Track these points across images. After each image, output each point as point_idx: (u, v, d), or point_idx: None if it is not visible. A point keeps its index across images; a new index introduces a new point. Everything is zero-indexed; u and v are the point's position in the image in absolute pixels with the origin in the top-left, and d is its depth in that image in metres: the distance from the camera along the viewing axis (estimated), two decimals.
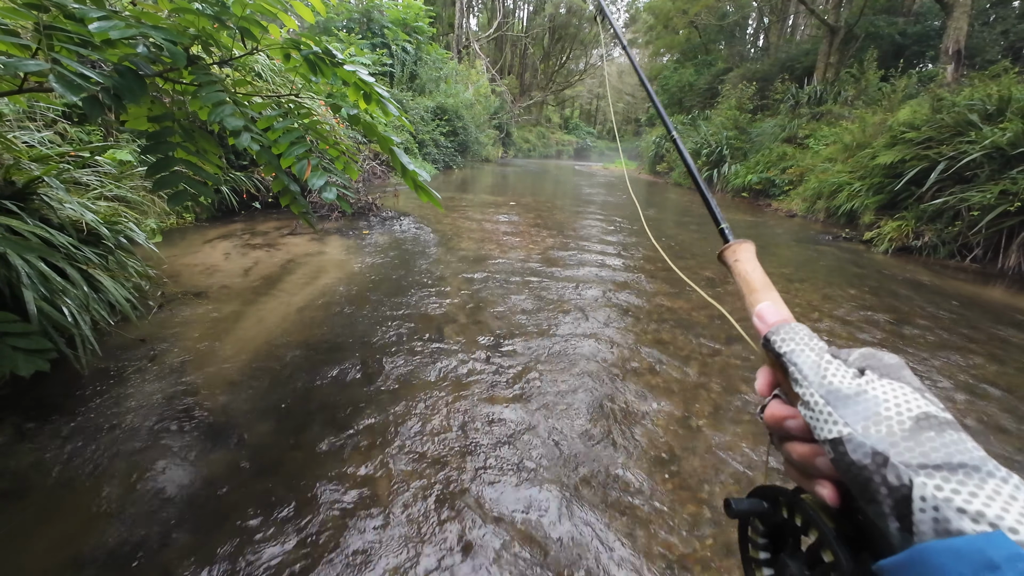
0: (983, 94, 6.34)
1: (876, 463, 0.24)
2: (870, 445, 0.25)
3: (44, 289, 1.87)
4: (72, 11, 1.37)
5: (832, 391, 0.29)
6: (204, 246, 4.22)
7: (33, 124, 3.40)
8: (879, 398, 0.27)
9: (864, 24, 13.42)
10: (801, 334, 0.34)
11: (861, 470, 0.25)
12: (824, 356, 0.31)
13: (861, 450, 0.25)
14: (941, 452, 0.24)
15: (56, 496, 1.51)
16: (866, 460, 0.25)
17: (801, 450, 0.31)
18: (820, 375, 0.30)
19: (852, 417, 0.27)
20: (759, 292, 0.40)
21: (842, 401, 0.28)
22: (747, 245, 0.45)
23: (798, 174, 10.08)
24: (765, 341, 0.35)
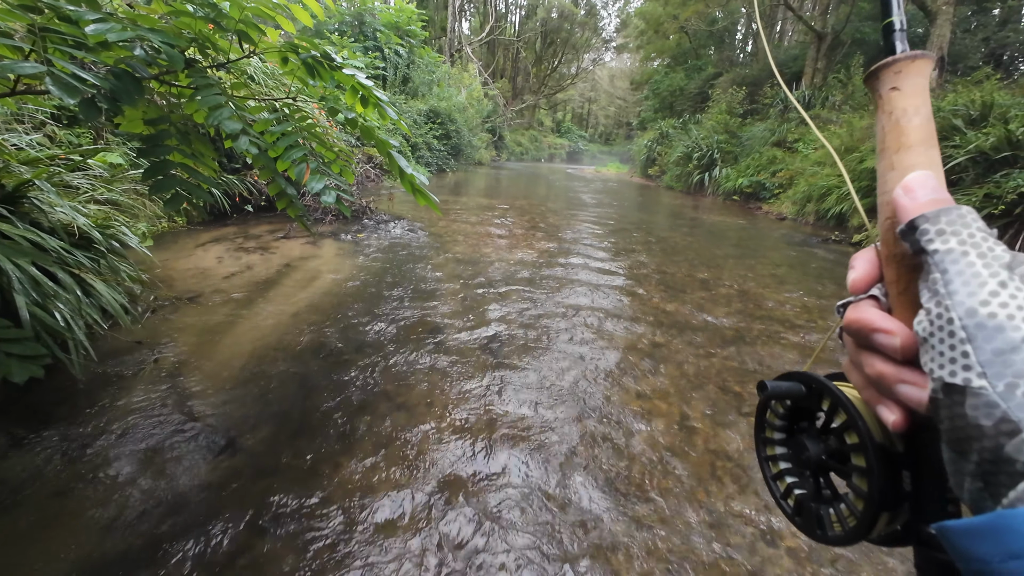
0: (967, 99, 6.49)
1: (999, 431, 0.20)
2: (1004, 409, 0.20)
3: (36, 294, 1.84)
4: (67, 13, 1.36)
5: (986, 327, 0.21)
6: (197, 250, 4.18)
7: (21, 127, 3.35)
8: None
9: (850, 30, 13.67)
10: (971, 228, 0.24)
11: (973, 429, 0.20)
12: (1000, 274, 0.22)
13: (988, 410, 0.20)
14: None
15: (51, 505, 1.48)
16: (987, 422, 0.20)
17: (886, 369, 0.26)
18: (980, 298, 0.22)
19: (998, 368, 0.20)
20: (913, 150, 0.27)
21: (994, 344, 0.21)
22: (921, 64, 0.29)
23: (788, 177, 10.22)
24: (909, 227, 0.25)
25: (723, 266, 5.08)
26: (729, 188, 11.85)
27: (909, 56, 0.29)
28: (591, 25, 36.91)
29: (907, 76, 0.29)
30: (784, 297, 4.08)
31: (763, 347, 3.02)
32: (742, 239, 6.98)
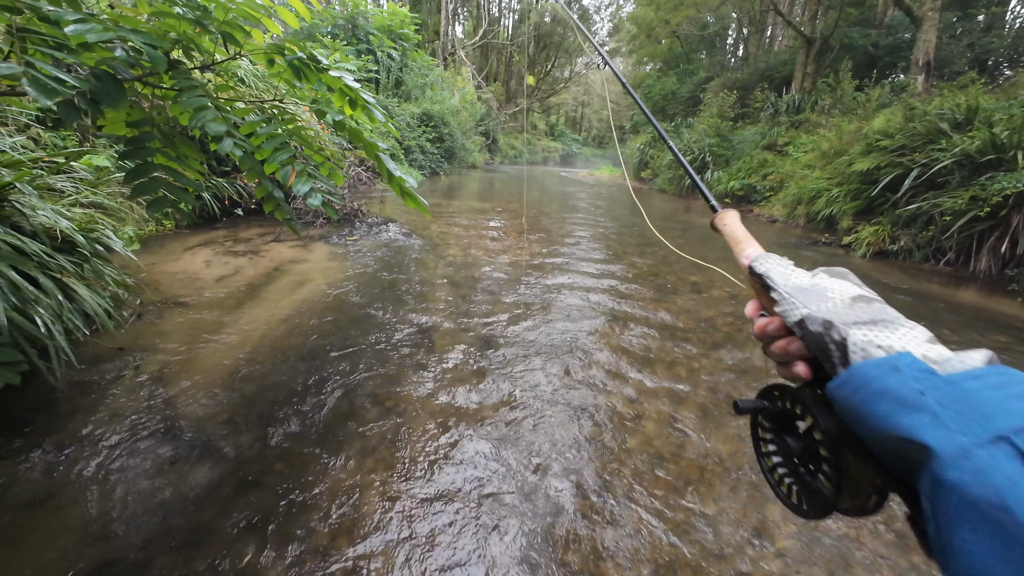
0: (952, 104, 6.58)
1: (826, 328, 0.35)
2: (821, 317, 0.36)
3: (15, 299, 1.81)
4: (46, 13, 1.34)
5: (795, 286, 0.40)
6: (185, 254, 4.13)
7: (5, 129, 3.30)
8: (827, 287, 0.39)
9: (839, 35, 13.85)
10: (773, 258, 0.46)
11: (818, 336, 0.36)
12: (789, 267, 0.44)
13: (816, 322, 0.36)
14: (868, 314, 0.35)
15: (27, 515, 1.44)
16: (819, 328, 0.36)
17: (780, 344, 0.41)
18: (786, 278, 0.42)
19: (809, 301, 0.38)
20: (743, 243, 0.52)
21: (802, 291, 0.39)
22: (732, 212, 0.58)
23: (778, 180, 10.30)
24: (750, 269, 0.47)
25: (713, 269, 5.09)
26: (721, 191, 11.93)
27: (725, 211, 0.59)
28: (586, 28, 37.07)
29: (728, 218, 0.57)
30: None
31: (752, 348, 3.03)
32: None
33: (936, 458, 0.25)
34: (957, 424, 0.26)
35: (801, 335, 0.38)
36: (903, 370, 0.29)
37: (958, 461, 0.25)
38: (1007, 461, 0.23)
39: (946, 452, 0.25)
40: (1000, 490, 0.23)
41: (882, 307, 0.36)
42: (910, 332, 0.33)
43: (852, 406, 0.31)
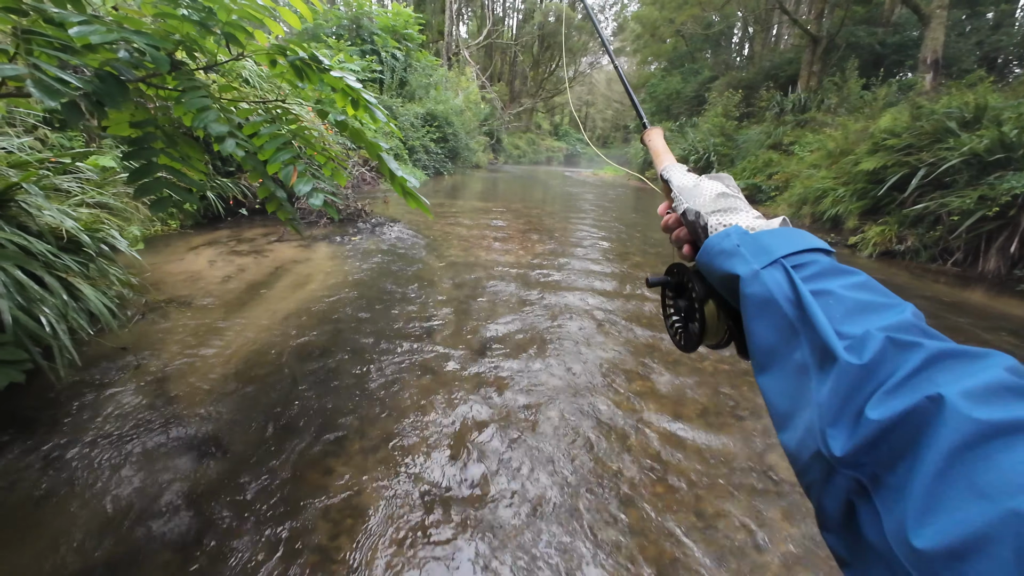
0: (960, 102, 6.51)
1: (695, 216, 0.49)
2: (695, 209, 0.50)
3: (20, 298, 1.82)
4: (51, 15, 1.35)
5: (682, 186, 0.54)
6: (189, 253, 4.15)
7: (12, 130, 3.33)
8: (703, 187, 0.51)
9: (845, 34, 13.75)
10: (677, 167, 0.59)
11: (692, 223, 0.50)
12: (683, 173, 0.57)
13: (691, 213, 0.50)
14: (723, 205, 0.48)
15: (33, 512, 1.46)
16: (693, 217, 0.49)
17: (675, 232, 0.55)
18: (680, 181, 0.55)
19: (689, 198, 0.51)
20: (662, 155, 0.65)
21: (686, 191, 0.53)
22: (657, 130, 0.70)
23: (784, 180, 10.24)
24: (660, 176, 0.61)
25: None
26: None
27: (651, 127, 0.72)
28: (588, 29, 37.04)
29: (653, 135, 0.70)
30: None
31: None
32: None
33: (741, 280, 0.39)
34: (754, 258, 0.39)
35: (685, 223, 0.51)
36: (732, 236, 0.43)
37: (752, 279, 0.38)
38: (777, 273, 0.37)
39: (745, 275, 0.39)
40: (770, 289, 0.37)
41: (735, 200, 0.49)
42: (744, 214, 0.47)
43: (705, 264, 0.44)
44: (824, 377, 0.31)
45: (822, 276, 0.37)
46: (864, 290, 0.36)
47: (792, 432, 0.33)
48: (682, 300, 0.53)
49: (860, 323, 0.32)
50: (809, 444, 0.30)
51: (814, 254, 0.39)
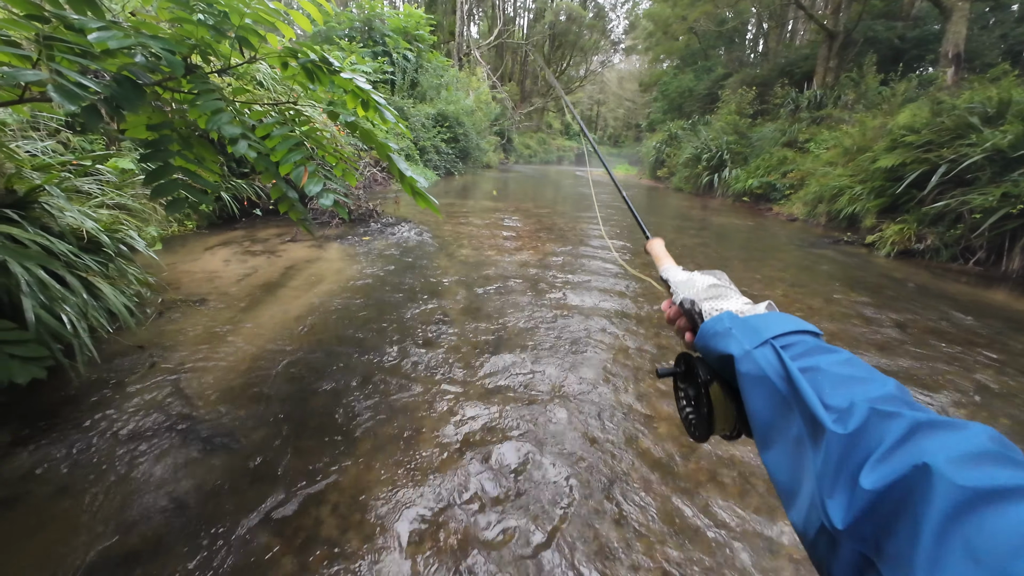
0: (983, 97, 6.33)
1: (691, 303, 0.56)
2: (689, 298, 0.57)
3: (43, 297, 1.88)
4: (72, 22, 1.39)
5: (678, 281, 0.63)
6: (204, 253, 4.24)
7: (36, 134, 3.43)
8: (695, 280, 0.60)
9: (863, 29, 13.46)
10: (674, 268, 0.69)
11: (688, 311, 0.56)
12: (679, 271, 0.67)
13: (687, 301, 0.56)
14: (715, 293, 0.56)
15: (51, 504, 1.50)
16: (688, 305, 0.56)
17: (678, 323, 0.59)
18: (676, 277, 0.65)
19: (684, 289, 0.60)
20: (661, 259, 0.74)
21: (681, 284, 0.62)
22: (658, 240, 0.80)
23: (799, 178, 10.08)
24: (660, 277, 0.71)
25: (731, 268, 5.02)
26: (739, 189, 11.72)
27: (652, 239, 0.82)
28: (599, 27, 36.90)
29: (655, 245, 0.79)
30: (791, 300, 4.02)
31: None
32: (751, 241, 6.90)
33: (735, 360, 0.43)
34: (745, 339, 0.44)
35: (683, 313, 0.57)
36: (724, 319, 0.48)
37: (744, 358, 0.42)
38: (767, 352, 0.41)
39: (739, 354, 0.43)
40: (762, 367, 0.41)
41: (725, 289, 0.56)
42: (734, 300, 0.54)
43: (703, 347, 0.49)
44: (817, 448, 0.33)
45: (809, 354, 0.40)
46: (849, 365, 0.38)
47: (798, 509, 0.34)
48: (691, 388, 0.54)
49: (845, 395, 0.35)
50: (813, 519, 0.32)
51: (801, 335, 0.43)
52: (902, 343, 3.20)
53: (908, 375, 2.74)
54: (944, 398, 2.51)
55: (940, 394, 2.54)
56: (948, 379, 2.71)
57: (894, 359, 2.94)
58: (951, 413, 2.36)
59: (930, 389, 2.59)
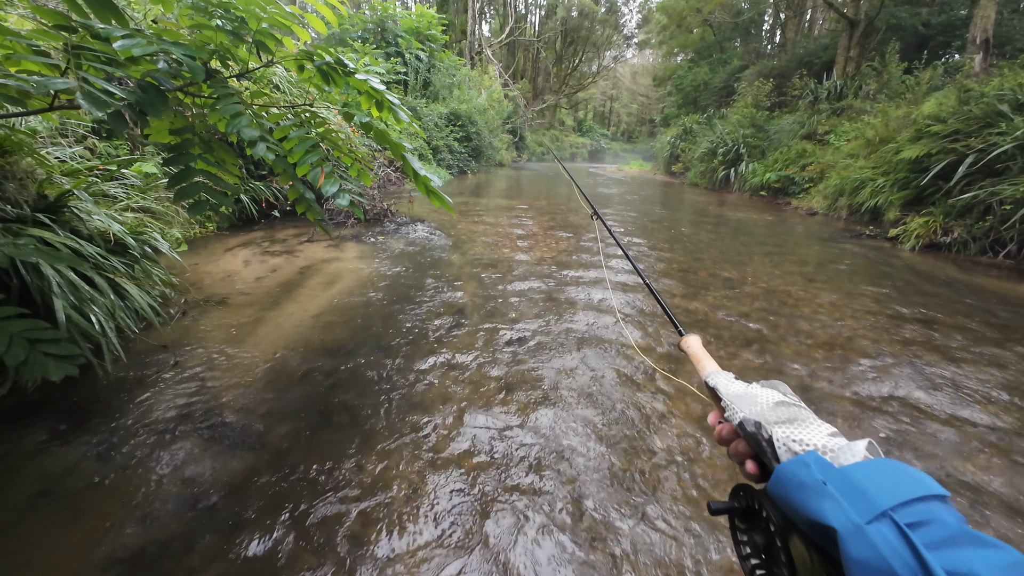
0: (1013, 84, 6.10)
1: (756, 427, 0.44)
2: (753, 419, 0.44)
3: (73, 297, 1.95)
4: (98, 31, 1.43)
5: (734, 394, 0.50)
6: (225, 254, 4.33)
7: (65, 140, 3.56)
8: (756, 394, 0.47)
9: (885, 16, 13.07)
10: (722, 375, 0.55)
11: (752, 435, 0.44)
12: (731, 379, 0.53)
13: (750, 423, 0.44)
14: (786, 415, 0.43)
15: (86, 497, 1.56)
16: (752, 428, 0.44)
17: (733, 446, 0.47)
18: (728, 388, 0.52)
19: (743, 405, 0.47)
20: (703, 361, 0.64)
21: (739, 398, 0.48)
22: (695, 336, 0.70)
23: (818, 171, 9.84)
24: (705, 384, 0.57)
25: (748, 264, 4.93)
26: (756, 184, 11.51)
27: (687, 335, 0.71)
28: (612, 22, 36.54)
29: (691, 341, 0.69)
30: (811, 295, 3.94)
31: (786, 347, 2.92)
32: (770, 236, 6.77)
33: (840, 537, 0.31)
34: (851, 505, 0.32)
35: (743, 435, 0.45)
36: (811, 466, 0.36)
37: (854, 537, 0.30)
38: (888, 532, 0.30)
39: (846, 531, 0.31)
40: (886, 558, 0.29)
41: (798, 409, 0.44)
42: (815, 427, 0.41)
43: (782, 498, 0.37)
44: None
45: (954, 544, 0.29)
46: None
47: None
48: (757, 535, 0.43)
49: None
50: None
51: (928, 503, 0.32)
52: (930, 339, 3.11)
53: (939, 375, 2.67)
54: (976, 393, 2.43)
55: (970, 387, 2.46)
56: (981, 373, 2.63)
57: (922, 356, 2.86)
58: (983, 409, 2.29)
59: (961, 387, 2.51)
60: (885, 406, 2.32)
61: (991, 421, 2.21)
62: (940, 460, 1.94)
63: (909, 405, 2.33)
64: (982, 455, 1.97)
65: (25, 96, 1.40)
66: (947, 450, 2.00)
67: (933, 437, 2.09)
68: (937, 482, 0.33)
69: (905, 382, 2.54)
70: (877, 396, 2.41)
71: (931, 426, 2.16)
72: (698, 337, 0.70)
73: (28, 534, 1.42)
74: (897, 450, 1.99)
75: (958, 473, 1.87)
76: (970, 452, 1.99)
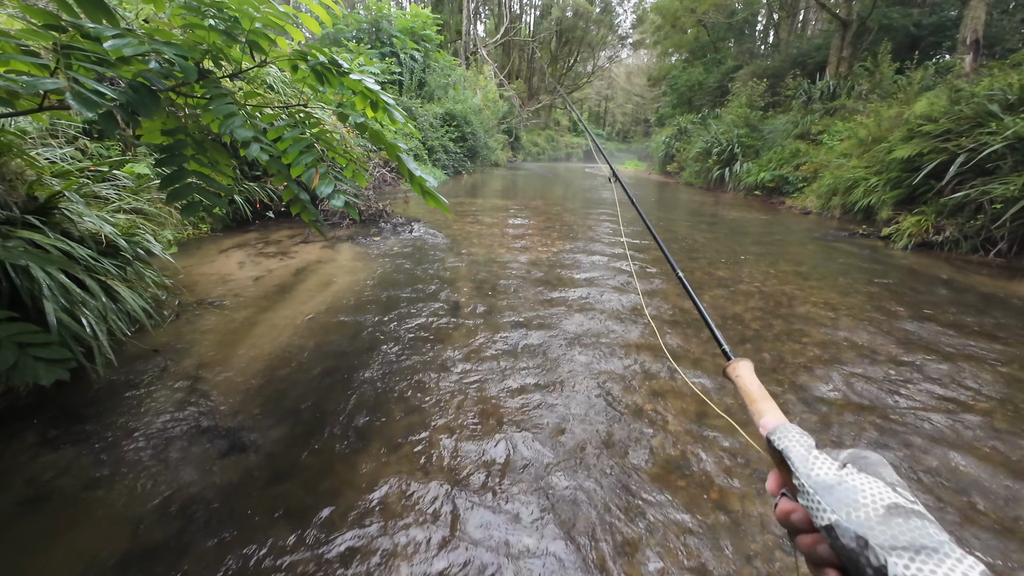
0: (1004, 83, 6.16)
1: (860, 545, 0.30)
2: (853, 530, 0.30)
3: (64, 300, 1.93)
4: (88, 31, 1.41)
5: (820, 482, 0.34)
6: (219, 255, 4.30)
7: (55, 141, 3.51)
8: (856, 487, 0.32)
9: (877, 16, 13.18)
10: (793, 432, 0.40)
11: (850, 552, 0.30)
12: (812, 451, 0.37)
13: (847, 535, 0.30)
14: (908, 536, 0.29)
15: (78, 502, 1.54)
16: (852, 543, 0.30)
17: (807, 541, 0.35)
18: (808, 467, 0.36)
19: (837, 504, 0.32)
20: (759, 403, 0.48)
21: (827, 489, 0.33)
22: (745, 363, 0.54)
23: (812, 170, 9.90)
24: (767, 441, 0.41)
25: (743, 263, 4.95)
26: (751, 183, 11.56)
27: (737, 360, 0.55)
28: (606, 22, 36.59)
29: (741, 368, 0.53)
30: (807, 294, 3.96)
31: (783, 345, 2.93)
32: (764, 235, 6.80)
33: None
34: None
35: (831, 543, 0.32)
36: None
37: None
38: None
39: None
40: None
41: (922, 524, 0.30)
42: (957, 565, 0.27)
43: None
44: None
45: None
46: None
47: None
48: None
49: None
50: None
51: None
52: (923, 337, 3.14)
53: (932, 370, 2.68)
54: (971, 393, 2.45)
55: (966, 386, 2.48)
56: (974, 371, 2.65)
57: (916, 355, 2.88)
58: (973, 407, 2.30)
59: (952, 386, 2.53)
60: (879, 403, 2.33)
61: (982, 420, 2.23)
62: (940, 455, 1.95)
63: (905, 401, 2.35)
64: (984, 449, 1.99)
65: (14, 96, 1.38)
66: (947, 444, 2.02)
67: (927, 432, 2.10)
68: None
69: (900, 380, 2.56)
70: (871, 394, 2.42)
71: (928, 420, 2.18)
72: (750, 364, 0.54)
73: (18, 541, 1.39)
74: (893, 447, 2.00)
75: (959, 466, 1.88)
76: (969, 445, 2.01)
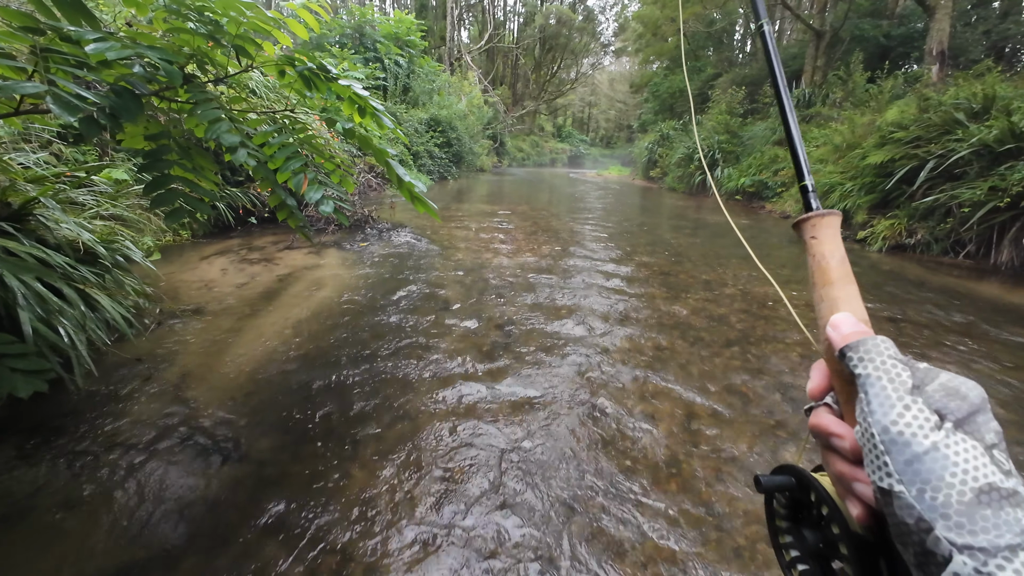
0: (968, 93, 6.44)
1: (920, 528, 0.24)
2: (919, 511, 0.24)
3: (40, 309, 1.87)
4: (68, 33, 1.38)
5: (897, 442, 0.26)
6: (201, 263, 4.21)
7: (28, 145, 3.41)
8: (949, 461, 0.24)
9: (849, 27, 13.65)
10: (884, 356, 0.29)
11: (903, 526, 0.25)
12: (904, 399, 0.27)
13: (908, 512, 0.24)
14: (991, 535, 0.22)
15: (56, 519, 1.49)
16: (910, 521, 0.24)
17: (843, 468, 0.30)
18: (891, 419, 0.26)
19: (910, 475, 0.25)
20: (834, 286, 0.34)
21: (904, 456, 0.25)
22: (831, 219, 0.37)
23: (790, 176, 10.17)
24: (840, 355, 0.31)
25: (726, 266, 5.05)
26: (731, 188, 11.82)
27: (820, 214, 0.37)
28: (589, 30, 37.11)
29: (821, 228, 0.37)
30: (788, 293, 4.05)
31: (768, 346, 3.00)
32: (746, 239, 6.93)
33: None
34: None
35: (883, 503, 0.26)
36: None
37: None
38: None
39: None
40: None
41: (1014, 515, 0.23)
42: None
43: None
44: None
45: None
46: None
47: None
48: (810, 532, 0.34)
49: None
50: None
51: None
52: (897, 336, 3.24)
53: None
54: None
55: None
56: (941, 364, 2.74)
57: None
58: None
59: None
60: None
61: None
62: None
63: None
64: None
65: None
66: None
67: None
68: None
69: None
70: None
71: None
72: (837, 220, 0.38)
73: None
74: None
75: None
76: None
